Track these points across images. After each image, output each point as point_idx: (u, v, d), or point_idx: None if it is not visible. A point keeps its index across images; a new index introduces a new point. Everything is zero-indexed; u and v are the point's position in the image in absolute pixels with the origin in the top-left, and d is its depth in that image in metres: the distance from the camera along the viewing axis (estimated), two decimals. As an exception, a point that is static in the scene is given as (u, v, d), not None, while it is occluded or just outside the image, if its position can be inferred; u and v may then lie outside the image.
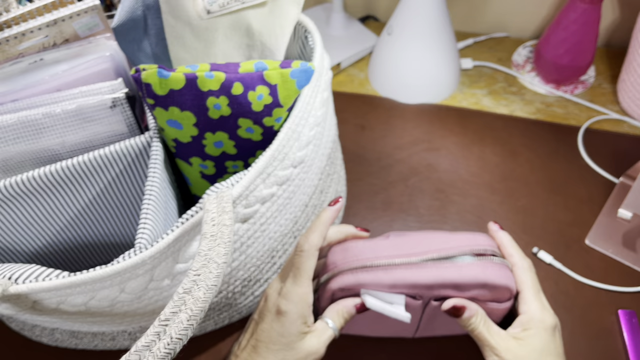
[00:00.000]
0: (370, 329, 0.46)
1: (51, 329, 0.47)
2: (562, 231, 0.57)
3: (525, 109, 0.71)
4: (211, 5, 0.42)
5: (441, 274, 0.39)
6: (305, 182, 0.46)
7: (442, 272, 0.39)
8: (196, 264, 0.29)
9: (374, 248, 0.40)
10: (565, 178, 0.62)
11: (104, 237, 0.52)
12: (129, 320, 0.43)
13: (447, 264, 0.39)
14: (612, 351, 0.48)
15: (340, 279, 0.39)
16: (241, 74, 0.40)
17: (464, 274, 0.39)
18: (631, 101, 0.67)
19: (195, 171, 0.48)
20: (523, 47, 0.80)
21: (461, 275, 0.39)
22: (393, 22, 0.71)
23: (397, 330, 0.46)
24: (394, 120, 0.72)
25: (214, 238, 0.31)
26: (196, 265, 0.29)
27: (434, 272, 0.39)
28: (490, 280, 0.39)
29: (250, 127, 0.42)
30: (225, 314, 0.50)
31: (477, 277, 0.38)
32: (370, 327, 0.46)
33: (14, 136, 0.45)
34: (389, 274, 0.39)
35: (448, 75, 0.72)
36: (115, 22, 0.42)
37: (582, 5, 0.63)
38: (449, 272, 0.39)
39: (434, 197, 0.62)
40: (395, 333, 0.47)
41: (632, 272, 0.53)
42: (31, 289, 0.34)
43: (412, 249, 0.40)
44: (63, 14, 0.48)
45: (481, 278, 0.38)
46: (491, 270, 0.39)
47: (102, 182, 0.46)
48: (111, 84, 0.46)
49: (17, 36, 0.48)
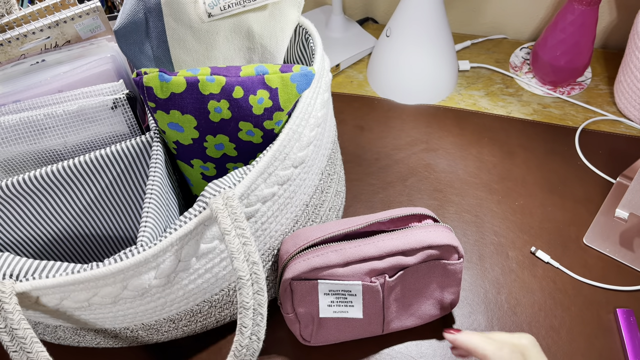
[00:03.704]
0: (341, 334, 0.47)
1: (54, 326, 0.47)
2: (560, 231, 0.58)
3: (522, 110, 0.72)
4: (212, 8, 0.43)
5: (387, 244, 0.42)
6: (305, 182, 0.46)
7: (388, 242, 0.42)
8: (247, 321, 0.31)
9: (322, 228, 0.43)
10: (562, 178, 0.63)
11: (106, 234, 0.52)
12: (131, 318, 0.44)
13: (392, 235, 0.42)
14: (611, 349, 0.48)
15: (293, 267, 0.41)
16: (242, 78, 0.40)
17: (409, 239, 0.42)
18: (627, 102, 0.67)
19: (197, 172, 0.48)
20: (520, 49, 0.81)
21: (406, 241, 0.42)
22: (391, 24, 0.71)
23: (366, 330, 0.47)
24: (392, 121, 0.72)
25: (250, 282, 0.33)
26: (247, 322, 0.32)
27: (380, 243, 0.42)
28: (433, 241, 0.42)
29: (251, 130, 0.43)
30: (226, 311, 0.50)
31: (421, 241, 0.42)
32: (340, 332, 0.47)
33: (16, 136, 0.45)
34: (338, 254, 0.41)
35: (446, 76, 0.73)
36: (116, 25, 0.43)
37: (579, 8, 0.63)
38: (394, 241, 0.42)
39: (432, 197, 0.62)
40: (365, 333, 0.48)
41: (630, 271, 0.53)
42: (34, 286, 0.35)
43: (357, 221, 0.44)
44: (65, 15, 0.48)
45: (425, 240, 0.42)
46: (433, 232, 0.43)
47: (103, 181, 0.47)
48: (112, 85, 0.46)
49: (19, 37, 0.48)
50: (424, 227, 0.43)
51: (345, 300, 0.43)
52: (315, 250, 0.41)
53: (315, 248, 0.41)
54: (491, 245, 0.57)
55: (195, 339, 0.52)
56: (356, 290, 0.42)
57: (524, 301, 0.52)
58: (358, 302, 0.43)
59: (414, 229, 0.42)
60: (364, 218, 0.44)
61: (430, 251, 0.43)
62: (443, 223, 0.45)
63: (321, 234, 0.42)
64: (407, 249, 0.41)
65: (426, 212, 0.45)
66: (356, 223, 0.43)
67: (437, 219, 0.45)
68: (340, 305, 0.43)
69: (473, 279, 0.54)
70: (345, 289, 0.42)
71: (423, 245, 0.42)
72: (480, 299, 0.53)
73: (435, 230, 0.43)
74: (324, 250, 0.41)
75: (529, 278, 0.54)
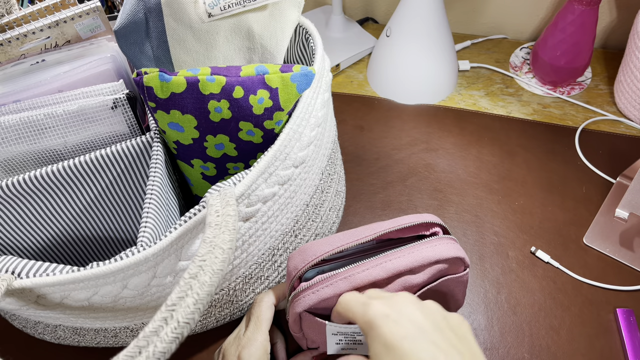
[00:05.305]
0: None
1: (54, 326, 0.47)
2: (560, 231, 0.58)
3: (522, 110, 0.72)
4: (212, 8, 0.43)
5: (395, 265, 0.40)
6: (306, 182, 0.46)
7: (396, 262, 0.40)
8: (202, 250, 0.30)
9: (330, 242, 0.42)
10: (562, 178, 0.63)
11: (107, 234, 0.52)
12: (131, 317, 0.44)
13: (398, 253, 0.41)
14: (611, 349, 0.48)
15: (303, 300, 0.40)
16: (242, 78, 0.40)
17: (415, 257, 0.40)
18: (627, 102, 0.67)
19: (197, 172, 0.48)
20: (520, 49, 0.81)
21: (413, 259, 0.40)
22: (391, 24, 0.71)
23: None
24: (392, 121, 0.72)
25: (218, 227, 0.31)
26: (202, 251, 0.30)
27: (387, 265, 0.40)
28: (440, 255, 0.40)
29: (251, 130, 0.43)
30: (226, 310, 0.50)
31: (428, 257, 0.40)
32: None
33: (16, 136, 0.45)
34: (348, 281, 0.39)
35: (446, 76, 0.73)
36: (117, 25, 0.43)
37: (579, 7, 0.63)
38: (401, 260, 0.40)
39: (432, 197, 0.62)
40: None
41: (630, 271, 0.53)
42: (35, 284, 0.35)
43: (364, 232, 0.42)
44: (65, 15, 0.48)
45: (432, 256, 0.40)
46: (439, 246, 0.41)
47: (104, 181, 0.47)
48: (112, 85, 0.46)
49: (19, 37, 0.48)
50: (429, 242, 0.41)
51: (354, 340, 0.42)
52: (325, 281, 0.40)
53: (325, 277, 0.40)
54: (491, 245, 0.57)
55: (195, 339, 0.52)
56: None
57: (524, 301, 0.52)
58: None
59: (420, 245, 0.41)
60: (371, 228, 0.43)
61: (438, 266, 0.41)
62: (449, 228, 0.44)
63: (329, 248, 0.41)
64: (415, 266, 0.40)
65: (434, 219, 0.43)
66: (363, 235, 0.42)
67: (445, 227, 0.44)
68: (349, 344, 0.42)
69: (473, 279, 0.54)
70: (354, 331, 0.41)
71: (430, 261, 0.40)
72: (480, 299, 0.53)
73: (440, 243, 0.41)
74: (334, 279, 0.40)
75: (529, 278, 0.54)
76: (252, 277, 0.48)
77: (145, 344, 0.25)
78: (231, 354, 0.41)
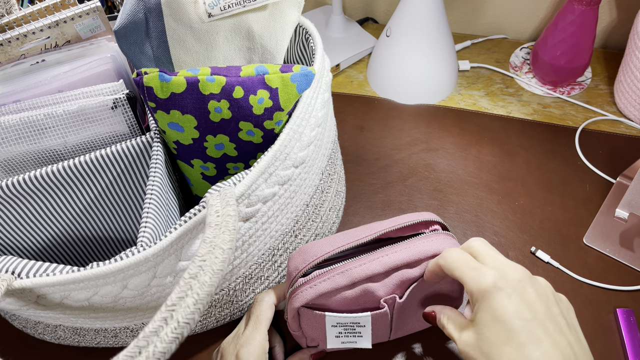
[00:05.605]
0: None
1: (54, 326, 0.47)
2: (560, 231, 0.58)
3: (522, 110, 0.72)
4: (212, 8, 0.43)
5: (392, 259, 0.41)
6: (306, 182, 0.46)
7: (393, 257, 0.41)
8: (202, 250, 0.30)
9: (330, 242, 0.42)
10: (562, 178, 0.63)
11: (107, 234, 0.52)
12: (131, 317, 0.44)
13: (396, 247, 0.41)
14: (611, 350, 0.48)
15: (301, 295, 0.40)
16: (242, 78, 0.40)
17: (412, 251, 0.41)
18: (627, 102, 0.67)
19: (197, 172, 0.48)
20: (520, 49, 0.81)
21: (410, 253, 0.41)
22: (391, 24, 0.71)
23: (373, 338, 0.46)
24: (392, 121, 0.72)
25: (218, 227, 0.31)
26: (202, 251, 0.30)
27: (384, 259, 0.41)
28: (437, 249, 0.41)
29: (251, 130, 0.43)
30: (226, 310, 0.50)
31: (424, 251, 0.41)
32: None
33: (16, 136, 0.45)
34: (345, 275, 0.40)
35: (446, 76, 0.73)
36: (117, 25, 0.43)
37: (579, 7, 0.64)
38: (399, 254, 0.41)
39: (432, 197, 0.62)
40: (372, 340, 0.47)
41: (630, 271, 0.53)
42: (35, 284, 0.35)
43: (365, 232, 0.42)
44: (65, 15, 0.48)
45: (428, 250, 0.41)
46: (436, 240, 0.42)
47: (104, 181, 0.47)
48: (112, 85, 0.46)
49: (19, 37, 0.48)
50: (426, 237, 0.42)
51: (353, 331, 0.42)
52: (322, 275, 0.40)
53: (322, 272, 0.40)
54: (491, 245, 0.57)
55: (195, 339, 0.52)
56: (365, 321, 0.41)
57: (524, 301, 0.52)
58: (367, 333, 0.42)
59: (417, 240, 0.42)
60: (372, 228, 0.43)
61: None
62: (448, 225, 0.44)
63: (330, 249, 0.41)
64: (412, 260, 0.41)
65: (433, 217, 0.44)
66: (364, 235, 0.42)
67: (445, 225, 0.44)
68: (348, 336, 0.42)
69: (473, 279, 0.54)
70: (354, 322, 0.41)
71: (427, 255, 0.41)
72: (480, 299, 0.53)
73: (437, 238, 0.42)
74: (331, 273, 0.40)
75: (529, 278, 0.54)
76: (252, 277, 0.48)
77: (145, 344, 0.25)
78: (229, 353, 0.41)
